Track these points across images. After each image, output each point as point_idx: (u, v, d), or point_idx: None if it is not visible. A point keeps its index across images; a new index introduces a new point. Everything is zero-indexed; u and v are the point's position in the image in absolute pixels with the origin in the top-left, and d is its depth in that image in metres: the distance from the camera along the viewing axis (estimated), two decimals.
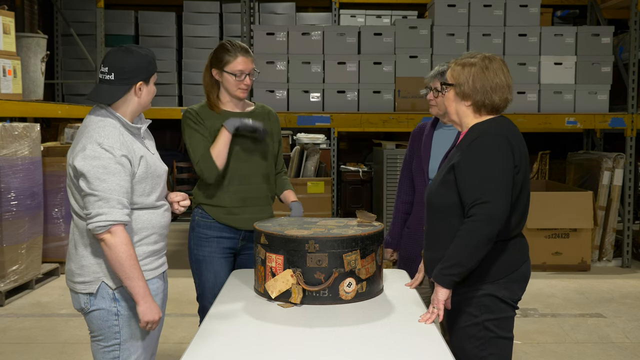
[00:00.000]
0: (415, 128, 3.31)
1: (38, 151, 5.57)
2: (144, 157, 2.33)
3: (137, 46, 2.38)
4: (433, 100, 3.07)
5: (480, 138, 2.26)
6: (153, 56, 2.40)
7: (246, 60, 2.96)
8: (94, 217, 2.18)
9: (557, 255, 6.25)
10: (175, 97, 8.21)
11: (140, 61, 2.32)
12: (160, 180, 2.42)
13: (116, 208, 2.19)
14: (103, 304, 2.30)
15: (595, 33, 6.47)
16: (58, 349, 4.17)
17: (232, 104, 3.04)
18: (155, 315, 2.28)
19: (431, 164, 3.08)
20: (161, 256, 2.48)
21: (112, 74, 2.29)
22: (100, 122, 2.28)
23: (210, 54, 3.04)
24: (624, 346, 4.31)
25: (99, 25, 7.00)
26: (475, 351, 2.32)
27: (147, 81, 2.35)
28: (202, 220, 3.02)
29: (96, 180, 2.18)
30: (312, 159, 6.69)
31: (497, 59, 2.35)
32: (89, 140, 2.23)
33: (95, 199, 2.18)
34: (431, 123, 3.19)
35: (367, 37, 6.36)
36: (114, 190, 2.19)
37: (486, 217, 2.17)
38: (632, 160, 6.53)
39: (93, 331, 2.35)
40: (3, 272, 5.09)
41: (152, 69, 2.37)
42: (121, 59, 2.30)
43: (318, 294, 2.39)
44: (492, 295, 2.30)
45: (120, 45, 2.38)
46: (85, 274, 2.30)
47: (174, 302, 5.15)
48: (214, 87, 3.02)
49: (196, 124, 2.96)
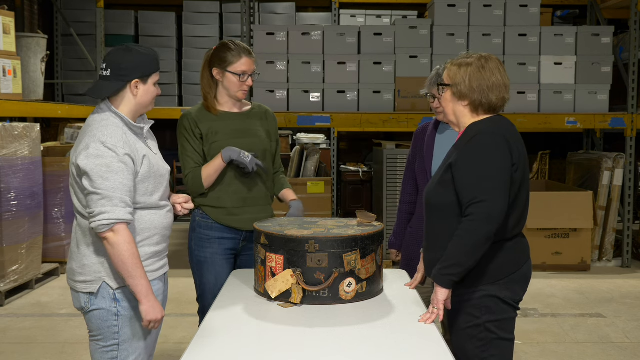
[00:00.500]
0: (417, 128, 3.29)
1: (38, 151, 5.57)
2: (146, 156, 2.34)
3: (138, 45, 2.38)
4: (439, 107, 2.97)
5: (477, 137, 2.26)
6: (154, 56, 2.39)
7: (249, 62, 2.95)
8: (96, 215, 2.18)
9: (557, 255, 6.25)
10: (175, 97, 8.21)
11: (138, 59, 2.32)
12: (163, 180, 2.42)
13: (119, 207, 2.19)
14: (103, 303, 2.30)
15: (595, 33, 6.47)
16: (58, 349, 4.17)
17: (230, 104, 3.03)
18: (158, 314, 2.28)
19: (434, 164, 3.07)
20: (163, 257, 2.47)
21: (109, 70, 2.31)
22: (103, 121, 2.29)
23: (208, 53, 3.01)
24: (624, 346, 4.31)
25: (99, 25, 7.01)
26: (476, 352, 2.31)
27: (144, 80, 2.35)
28: (203, 221, 3.01)
29: (99, 178, 2.18)
30: (312, 159, 6.69)
31: (493, 59, 2.35)
32: (92, 139, 2.23)
33: (98, 198, 2.18)
34: (433, 123, 3.18)
35: (367, 37, 6.36)
36: (117, 189, 2.19)
37: (484, 216, 2.17)
38: (632, 160, 6.53)
39: (92, 330, 2.35)
40: (3, 272, 5.09)
41: (150, 69, 2.36)
42: (118, 56, 2.32)
43: (318, 294, 2.39)
44: (494, 296, 2.29)
45: (122, 44, 2.39)
46: (86, 273, 2.30)
47: (174, 302, 5.15)
48: (212, 87, 3.01)
49: (189, 134, 2.96)
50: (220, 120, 2.97)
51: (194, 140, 2.96)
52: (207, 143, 2.96)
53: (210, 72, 2.99)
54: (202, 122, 2.96)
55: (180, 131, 2.99)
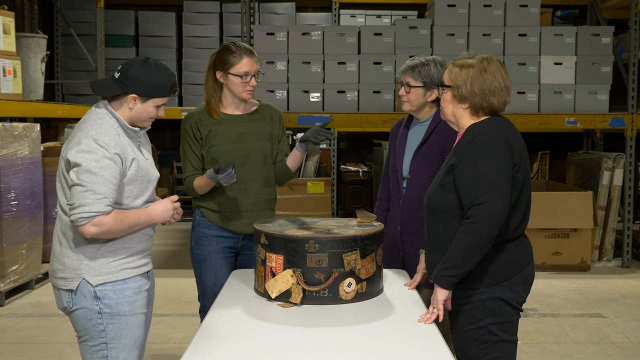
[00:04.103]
0: (393, 126, 3.20)
1: (38, 151, 5.57)
2: (136, 159, 2.33)
3: (158, 63, 2.35)
4: (405, 96, 2.94)
5: (478, 139, 2.25)
6: (165, 82, 2.33)
7: (251, 62, 2.94)
8: (77, 207, 2.17)
9: (557, 255, 6.25)
10: (175, 97, 8.21)
11: (145, 77, 2.30)
12: (149, 186, 2.41)
13: (101, 202, 2.18)
14: (85, 302, 2.30)
15: (595, 33, 6.46)
16: (58, 349, 4.17)
17: (233, 107, 3.02)
18: (167, 214, 2.37)
19: (405, 162, 3.01)
20: (145, 256, 2.45)
21: (119, 74, 2.32)
22: (98, 120, 2.30)
23: (211, 57, 3.01)
24: (624, 346, 4.31)
25: (99, 25, 7.00)
26: (478, 354, 2.30)
27: (142, 99, 2.32)
28: (202, 220, 3.03)
29: (86, 172, 2.18)
30: (312, 159, 6.70)
31: (494, 61, 2.33)
32: (85, 135, 2.24)
33: (81, 190, 2.17)
34: (405, 122, 3.10)
35: (367, 37, 6.36)
36: (102, 184, 2.19)
37: (484, 217, 2.16)
38: (632, 160, 6.53)
39: (79, 332, 2.35)
40: (3, 272, 5.09)
41: (154, 92, 2.33)
42: (132, 65, 2.32)
43: (318, 294, 2.39)
44: (497, 298, 2.28)
45: (148, 57, 2.36)
46: (66, 270, 2.30)
47: (174, 302, 5.15)
48: (217, 90, 3.00)
49: (190, 137, 2.97)
50: (220, 124, 2.97)
51: (194, 144, 2.97)
52: (205, 146, 2.96)
53: (214, 75, 2.98)
54: (203, 125, 2.97)
55: (182, 134, 3.02)
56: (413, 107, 2.96)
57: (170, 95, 2.40)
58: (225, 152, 2.95)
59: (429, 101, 2.95)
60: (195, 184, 2.95)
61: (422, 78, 2.91)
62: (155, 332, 4.37)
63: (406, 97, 2.94)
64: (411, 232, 2.96)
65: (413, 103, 2.94)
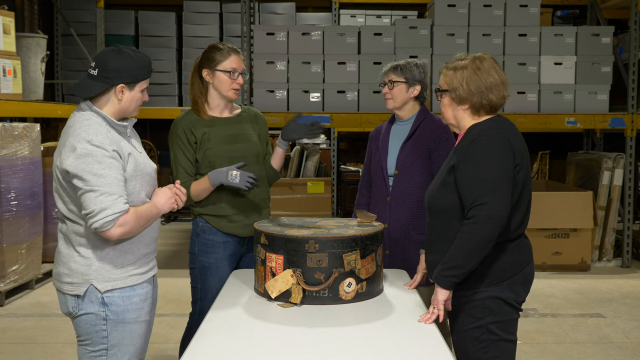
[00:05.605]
0: (372, 131, 3.31)
1: (38, 151, 5.57)
2: (131, 154, 2.28)
3: (131, 48, 2.32)
4: (388, 93, 3.08)
5: (479, 139, 2.25)
6: (145, 63, 2.32)
7: (238, 59, 2.96)
8: (98, 213, 2.12)
9: (557, 255, 6.25)
10: (175, 97, 8.21)
11: (127, 64, 2.26)
12: (149, 179, 2.37)
13: (118, 201, 2.15)
14: (91, 308, 2.26)
15: (595, 33, 6.46)
16: (58, 349, 4.17)
17: (220, 108, 3.01)
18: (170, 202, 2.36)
19: (389, 160, 3.10)
20: (151, 259, 2.43)
21: (97, 70, 2.25)
22: (85, 121, 2.23)
23: (197, 58, 3.01)
24: (624, 346, 4.31)
25: (99, 25, 7.01)
26: (478, 354, 2.31)
27: (130, 86, 2.29)
28: (207, 227, 3.00)
29: (93, 176, 2.13)
30: (312, 159, 6.70)
31: (487, 58, 2.34)
32: (77, 139, 2.17)
33: (95, 195, 2.12)
34: (389, 120, 3.22)
35: (367, 37, 6.36)
36: (112, 184, 2.15)
37: (485, 218, 2.16)
38: (632, 160, 6.53)
39: (80, 335, 2.32)
40: (3, 272, 5.09)
41: (139, 75, 2.29)
42: (108, 57, 2.26)
43: (318, 294, 2.39)
44: (496, 298, 2.29)
45: (116, 45, 2.34)
46: (73, 275, 2.25)
47: (174, 302, 5.16)
48: (203, 92, 2.99)
49: (183, 143, 2.94)
50: (212, 126, 2.96)
51: (187, 149, 2.94)
52: (200, 150, 2.94)
53: (200, 75, 2.97)
54: (197, 128, 2.94)
55: (174, 139, 2.96)
56: (397, 104, 3.08)
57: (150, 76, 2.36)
58: (221, 153, 2.94)
59: (411, 97, 3.08)
60: (193, 189, 2.91)
61: (404, 74, 3.06)
62: (155, 332, 4.37)
63: (389, 93, 3.08)
64: (400, 228, 3.06)
65: (397, 99, 3.07)
